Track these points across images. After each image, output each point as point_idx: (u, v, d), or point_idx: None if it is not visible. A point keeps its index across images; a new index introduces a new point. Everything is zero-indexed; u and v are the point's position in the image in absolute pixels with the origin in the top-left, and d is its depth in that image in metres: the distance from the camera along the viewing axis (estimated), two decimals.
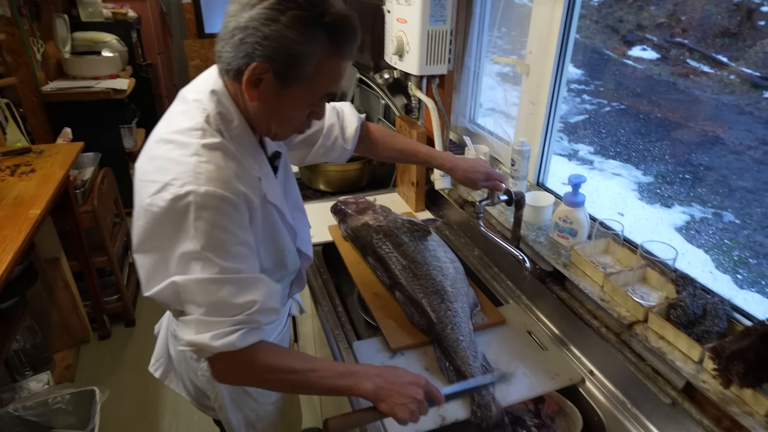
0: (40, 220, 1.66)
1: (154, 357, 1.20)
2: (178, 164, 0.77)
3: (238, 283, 0.80)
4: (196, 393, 1.15)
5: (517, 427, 1.08)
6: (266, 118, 0.83)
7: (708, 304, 0.91)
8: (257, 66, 0.74)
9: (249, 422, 1.14)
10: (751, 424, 0.76)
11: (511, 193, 1.22)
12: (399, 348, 1.16)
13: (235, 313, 0.80)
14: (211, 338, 0.78)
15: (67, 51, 3.26)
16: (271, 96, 0.79)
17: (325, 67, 0.77)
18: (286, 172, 1.05)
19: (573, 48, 1.31)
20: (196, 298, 0.78)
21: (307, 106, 0.83)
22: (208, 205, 0.75)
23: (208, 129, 0.81)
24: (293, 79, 0.77)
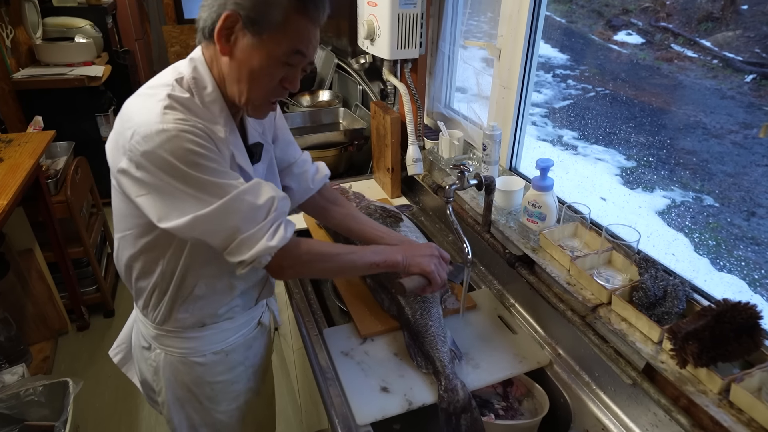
0: (8, 210, 1.63)
1: (116, 342, 1.20)
2: (145, 110, 0.81)
3: (250, 191, 0.84)
4: (145, 384, 1.14)
5: (485, 410, 1.09)
6: (237, 76, 0.85)
7: (669, 286, 0.92)
8: (228, 15, 0.80)
9: (192, 425, 1.12)
10: (704, 402, 0.78)
11: (480, 177, 1.21)
12: (368, 334, 1.16)
13: (265, 214, 0.86)
14: (266, 240, 0.85)
15: (39, 37, 3.18)
16: (242, 50, 0.83)
17: (291, 21, 0.82)
18: (270, 171, 1.06)
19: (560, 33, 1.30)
20: (228, 223, 0.83)
21: (279, 65, 0.85)
22: (182, 139, 0.78)
23: (178, 86, 0.85)
24: (263, 27, 0.81)
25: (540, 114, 2.03)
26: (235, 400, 1.14)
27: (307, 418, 1.73)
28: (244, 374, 1.13)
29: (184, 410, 1.11)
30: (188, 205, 0.81)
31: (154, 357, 1.07)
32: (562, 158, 1.79)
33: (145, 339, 1.08)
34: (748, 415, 0.75)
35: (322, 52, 2.76)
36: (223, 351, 1.07)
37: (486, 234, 1.31)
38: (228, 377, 1.10)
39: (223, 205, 0.81)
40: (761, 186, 1.29)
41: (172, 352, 1.04)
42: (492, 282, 1.37)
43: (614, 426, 0.97)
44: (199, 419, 1.12)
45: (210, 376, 1.08)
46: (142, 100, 0.84)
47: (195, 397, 1.09)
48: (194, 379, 1.07)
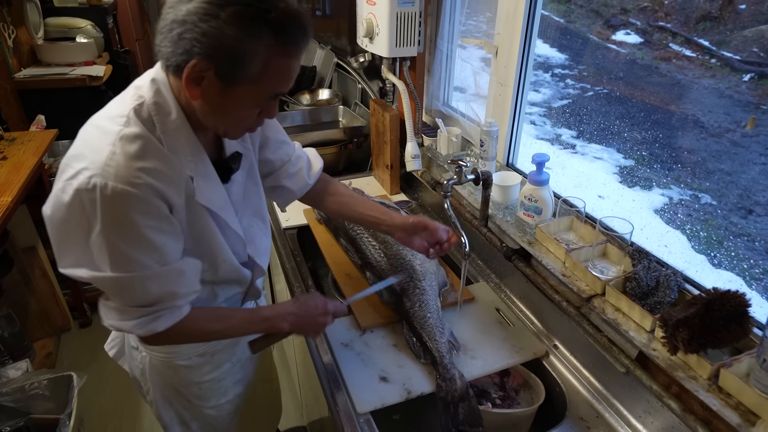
0: (12, 207, 1.65)
1: (111, 336, 1.20)
2: (93, 152, 0.74)
3: (155, 278, 0.79)
4: (135, 380, 1.15)
5: (482, 399, 1.11)
6: (212, 117, 0.79)
7: (661, 276, 0.95)
8: (197, 64, 0.70)
9: (183, 420, 1.13)
10: (694, 387, 0.80)
11: (477, 172, 1.23)
12: (368, 326, 1.18)
13: (153, 302, 0.81)
14: (134, 327, 0.82)
15: (40, 37, 3.20)
16: (215, 95, 0.75)
17: (272, 66, 0.73)
18: (250, 177, 1.00)
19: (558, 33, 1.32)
20: (114, 293, 0.81)
21: (256, 106, 0.79)
22: (114, 200, 0.72)
23: (134, 118, 0.76)
24: (238, 80, 0.73)
25: (539, 113, 2.05)
26: (224, 396, 1.14)
27: (308, 411, 1.75)
28: (231, 370, 1.13)
29: (173, 408, 1.12)
30: (89, 261, 0.77)
31: (141, 359, 1.07)
32: (560, 157, 1.81)
33: (133, 339, 1.08)
34: (736, 399, 0.77)
35: (321, 51, 2.78)
36: (208, 353, 1.07)
37: (483, 228, 1.33)
38: (215, 375, 1.10)
39: (119, 279, 0.77)
40: (759, 184, 1.31)
41: (157, 356, 1.05)
42: (489, 275, 1.40)
43: (608, 414, 0.99)
44: (189, 415, 1.13)
45: (197, 377, 1.08)
46: (96, 135, 0.77)
47: (183, 396, 1.10)
48: (180, 381, 1.08)
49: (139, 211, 0.75)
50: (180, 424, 1.14)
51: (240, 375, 1.16)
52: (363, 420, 0.97)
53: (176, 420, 1.13)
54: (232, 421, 1.19)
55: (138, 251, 0.77)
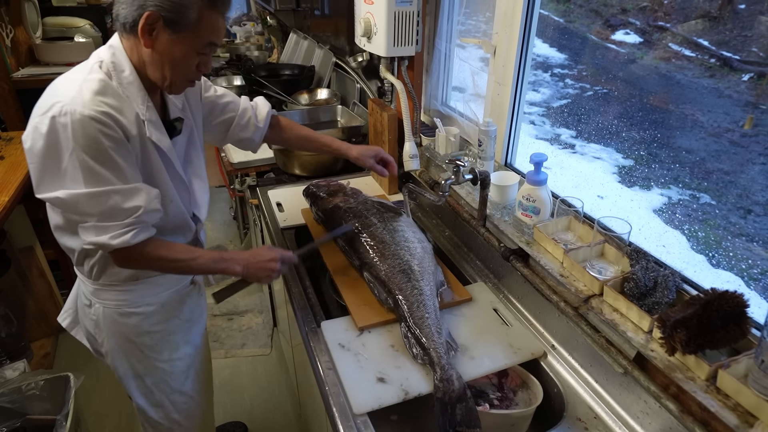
0: (9, 207, 1.65)
1: (64, 308, 1.33)
2: (63, 91, 0.92)
3: (122, 192, 0.95)
4: (90, 339, 1.26)
5: (480, 400, 1.11)
6: (160, 66, 0.97)
7: (659, 277, 0.94)
8: (149, 15, 0.91)
9: (137, 374, 1.23)
10: (692, 388, 0.80)
11: (475, 172, 1.23)
12: (366, 326, 1.18)
13: (124, 217, 0.96)
14: (109, 239, 0.96)
15: (38, 36, 3.19)
16: (163, 43, 0.95)
17: (204, 17, 0.94)
18: (191, 142, 1.20)
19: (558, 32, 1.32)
20: (89, 209, 0.94)
21: (195, 55, 0.99)
22: (83, 124, 0.89)
23: (96, 69, 0.96)
24: (180, 27, 0.93)
25: (538, 113, 2.05)
26: (175, 351, 1.26)
27: (305, 412, 1.75)
28: (180, 327, 1.26)
29: (128, 359, 1.22)
30: (65, 181, 0.92)
31: (94, 311, 1.18)
32: (559, 157, 1.80)
33: (85, 296, 1.19)
34: (734, 400, 0.76)
35: (320, 51, 2.78)
36: (157, 303, 1.20)
37: (481, 228, 1.33)
38: (164, 327, 1.23)
39: (93, 194, 0.93)
40: (758, 184, 1.31)
41: (109, 305, 1.16)
42: (487, 275, 1.39)
43: (606, 414, 0.99)
44: (142, 368, 1.23)
45: (147, 325, 1.20)
46: (64, 81, 0.96)
47: (136, 346, 1.21)
48: (133, 330, 1.19)
49: (102, 133, 0.91)
50: (135, 378, 1.24)
51: (189, 336, 1.29)
52: (360, 421, 0.96)
53: (131, 373, 1.23)
54: (184, 382, 1.30)
55: (104, 168, 0.93)
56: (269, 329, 2.53)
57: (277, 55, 3.76)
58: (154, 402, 1.28)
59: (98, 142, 0.91)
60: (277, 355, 2.41)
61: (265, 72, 2.76)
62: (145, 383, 1.24)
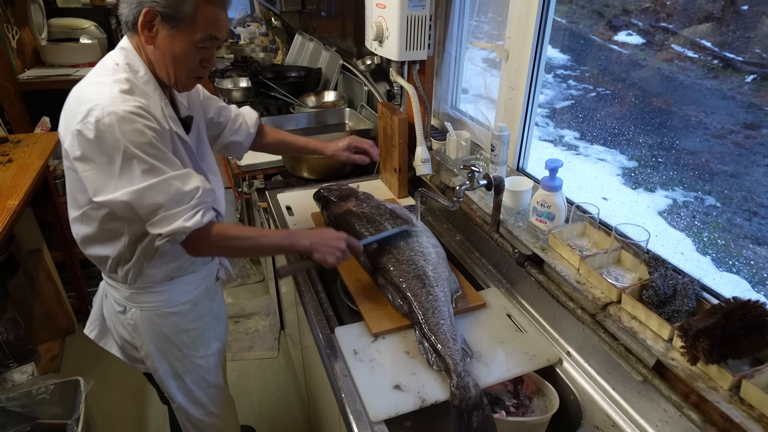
0: (19, 211, 1.64)
1: (89, 320, 1.34)
2: (95, 94, 0.94)
3: (179, 178, 0.99)
4: (125, 346, 1.27)
5: (496, 407, 1.10)
6: (164, 62, 1.00)
7: (678, 285, 0.94)
8: (147, 11, 0.94)
9: (176, 373, 1.27)
10: (715, 398, 0.79)
11: (490, 177, 1.23)
12: (380, 332, 1.17)
13: (189, 199, 0.99)
14: (183, 221, 0.98)
15: (44, 38, 3.19)
16: (164, 40, 0.97)
17: (201, 11, 0.96)
18: (200, 139, 1.22)
19: (561, 34, 1.32)
20: (155, 200, 0.96)
21: (196, 50, 1.00)
22: (128, 120, 0.92)
23: (118, 70, 0.99)
24: (178, 21, 0.95)
25: (541, 114, 2.05)
26: (208, 347, 1.31)
27: (315, 416, 1.75)
28: (211, 323, 1.31)
29: (167, 359, 1.25)
30: (123, 180, 0.94)
31: (131, 316, 1.20)
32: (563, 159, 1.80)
33: (118, 303, 1.21)
34: (758, 411, 0.76)
35: (327, 53, 2.77)
36: (191, 301, 1.24)
37: (495, 234, 1.32)
38: (198, 324, 1.27)
39: (154, 185, 0.95)
40: (762, 186, 1.30)
41: (147, 307, 1.19)
42: (500, 280, 1.39)
43: (624, 423, 0.98)
44: (181, 367, 1.27)
45: (184, 324, 1.24)
46: (91, 86, 0.98)
47: (175, 346, 1.24)
48: (171, 329, 1.23)
49: (147, 126, 0.94)
50: (174, 377, 1.28)
51: (218, 331, 1.35)
52: (377, 429, 0.96)
53: (171, 373, 1.27)
54: (218, 376, 1.37)
55: (156, 160, 0.96)
56: (276, 332, 2.53)
57: (282, 57, 3.75)
58: (194, 400, 1.33)
59: (145, 135, 0.94)
60: (284, 358, 2.41)
61: (272, 74, 2.76)
62: (184, 382, 1.29)
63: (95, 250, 1.13)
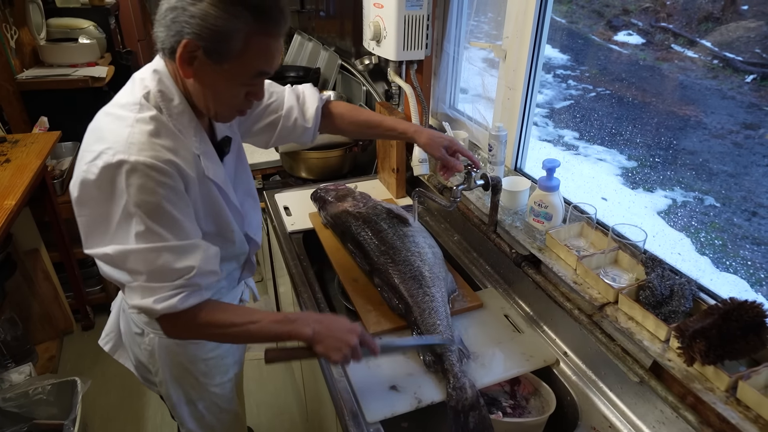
0: (16, 210, 1.64)
1: (104, 331, 1.24)
2: (112, 134, 0.81)
3: (175, 250, 0.84)
4: (140, 367, 1.19)
5: (493, 408, 1.10)
6: (204, 96, 0.87)
7: (675, 285, 0.93)
8: (187, 43, 0.79)
9: (190, 399, 1.18)
10: (712, 399, 0.79)
11: (487, 177, 1.22)
12: (376, 333, 1.17)
13: (174, 278, 0.85)
14: (153, 302, 0.84)
15: (43, 38, 3.19)
16: (205, 74, 0.83)
17: (252, 44, 0.81)
18: (239, 158, 1.09)
19: (560, 34, 1.31)
20: (137, 267, 0.83)
21: (242, 85, 0.87)
22: (139, 173, 0.79)
23: (146, 104, 0.85)
24: (223, 56, 0.81)
25: (541, 114, 2.04)
26: (226, 374, 1.21)
27: (312, 417, 1.74)
28: (230, 350, 1.21)
29: (182, 387, 1.16)
30: (114, 236, 0.82)
31: (149, 341, 1.10)
32: (563, 159, 1.80)
33: (136, 325, 1.11)
34: (755, 412, 0.76)
35: (325, 53, 2.77)
36: None
37: (492, 234, 1.32)
38: (219, 352, 1.17)
39: (141, 250, 0.82)
40: (762, 186, 1.30)
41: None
42: (497, 281, 1.38)
43: (621, 423, 0.98)
44: (196, 395, 1.18)
45: (203, 353, 1.14)
46: (112, 121, 0.84)
47: (191, 374, 1.15)
48: (189, 358, 1.13)
49: (160, 183, 0.81)
50: (187, 404, 1.18)
51: (237, 355, 1.25)
52: (373, 429, 0.95)
53: (183, 400, 1.18)
54: (232, 401, 1.26)
55: (159, 224, 0.82)
56: None
57: (281, 57, 3.75)
58: (205, 425, 1.23)
59: (155, 194, 0.80)
60: None
61: None
62: (197, 408, 1.20)
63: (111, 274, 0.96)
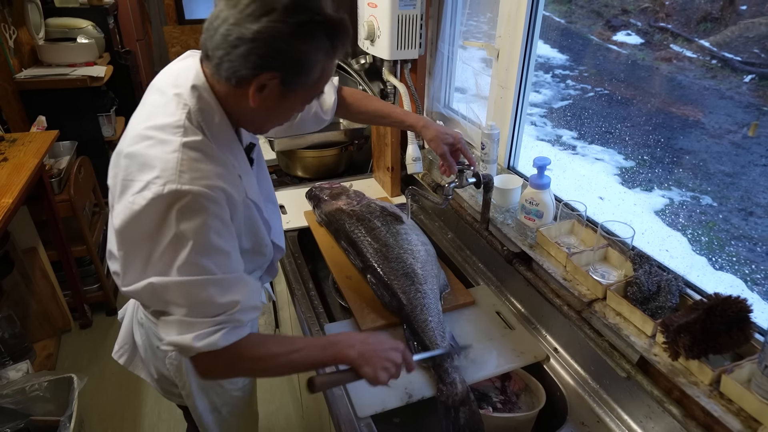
0: (13, 209, 1.65)
1: (117, 344, 1.22)
2: (160, 161, 0.76)
3: (220, 284, 0.80)
4: (162, 380, 1.16)
5: (483, 403, 1.11)
6: (261, 119, 0.87)
7: (662, 281, 0.95)
8: (267, 75, 0.75)
9: (215, 407, 1.17)
10: (696, 393, 0.80)
11: (479, 175, 1.23)
12: (369, 329, 1.18)
13: (217, 313, 0.80)
14: (193, 339, 0.78)
15: (41, 38, 3.20)
16: (273, 99, 0.80)
17: (327, 70, 0.81)
18: (260, 164, 1.07)
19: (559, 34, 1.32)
20: (178, 300, 0.78)
21: (303, 106, 0.88)
22: (190, 205, 0.75)
23: (190, 127, 0.80)
24: (299, 85, 0.80)
25: (539, 114, 2.05)
26: (248, 377, 1.20)
27: (308, 413, 1.75)
28: None
29: (208, 396, 1.15)
30: (154, 269, 0.78)
31: (175, 356, 1.07)
32: (561, 158, 1.80)
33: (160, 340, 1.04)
34: (737, 405, 0.77)
35: None
36: None
37: (484, 231, 1.33)
38: None
39: (185, 282, 0.77)
40: (759, 186, 1.31)
41: None
42: (490, 278, 1.39)
43: (609, 418, 0.99)
44: (220, 401, 1.17)
45: None
46: (154, 145, 0.78)
47: (216, 383, 1.14)
48: None
49: (211, 213, 0.77)
50: (212, 412, 1.17)
51: None
52: (364, 424, 0.97)
53: (209, 408, 1.17)
54: (250, 400, 1.26)
55: (205, 256, 0.78)
56: (271, 331, 2.53)
57: None
58: (227, 428, 1.23)
59: (204, 225, 0.77)
60: None
61: None
62: (221, 414, 1.19)
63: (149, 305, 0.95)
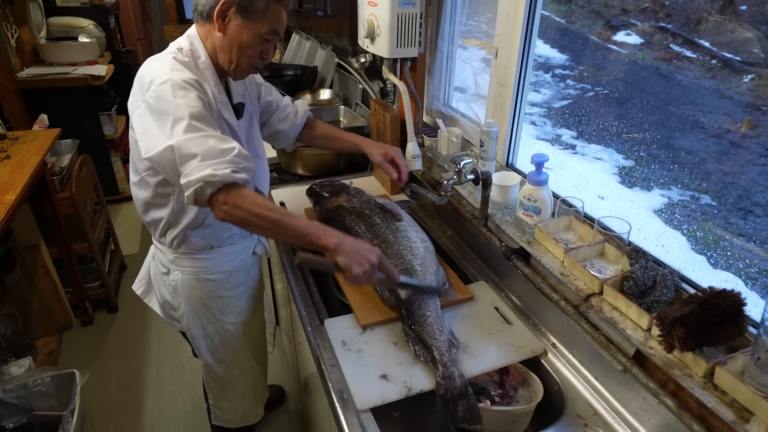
0: (15, 206, 1.66)
1: (138, 277, 1.50)
2: (156, 69, 1.08)
3: (217, 137, 1.05)
4: (165, 304, 1.42)
5: (481, 396, 1.12)
6: (229, 49, 1.13)
7: (658, 276, 0.96)
8: (224, 2, 1.08)
9: (207, 334, 1.40)
10: (690, 384, 0.81)
11: (477, 172, 1.25)
12: (368, 324, 1.19)
13: (223, 156, 1.03)
14: (212, 170, 1.01)
15: (43, 37, 3.22)
16: (234, 28, 1.11)
17: (270, 8, 1.10)
18: (251, 123, 1.33)
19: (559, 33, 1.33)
20: (192, 150, 1.02)
21: (260, 41, 1.13)
22: (182, 87, 1.05)
23: (180, 55, 1.12)
24: (250, 13, 1.09)
25: (539, 114, 2.06)
26: (240, 315, 1.42)
27: (308, 409, 1.77)
28: (244, 294, 1.42)
29: (200, 321, 1.37)
30: (171, 137, 1.02)
31: (173, 278, 1.34)
32: (560, 157, 1.82)
33: (163, 265, 1.35)
34: (731, 396, 0.78)
35: (322, 52, 2.79)
36: (227, 271, 1.35)
37: (483, 228, 1.34)
38: (233, 293, 1.38)
39: (192, 138, 1.02)
40: (758, 185, 1.32)
41: (188, 271, 1.32)
42: (488, 274, 1.41)
43: (605, 411, 1.00)
44: (212, 329, 1.39)
45: (219, 291, 1.35)
46: (154, 63, 1.11)
47: (208, 309, 1.36)
48: (207, 294, 1.34)
49: (197, 95, 1.06)
50: (205, 338, 1.40)
51: (250, 303, 1.45)
52: (363, 417, 0.98)
53: (202, 333, 1.40)
54: (245, 344, 1.48)
55: (201, 122, 1.05)
56: (271, 328, 2.54)
57: (279, 56, 3.77)
58: (219, 359, 1.44)
59: (195, 104, 1.04)
60: (279, 354, 2.43)
61: (268, 72, 2.78)
62: (214, 342, 1.41)
63: (150, 215, 1.26)
